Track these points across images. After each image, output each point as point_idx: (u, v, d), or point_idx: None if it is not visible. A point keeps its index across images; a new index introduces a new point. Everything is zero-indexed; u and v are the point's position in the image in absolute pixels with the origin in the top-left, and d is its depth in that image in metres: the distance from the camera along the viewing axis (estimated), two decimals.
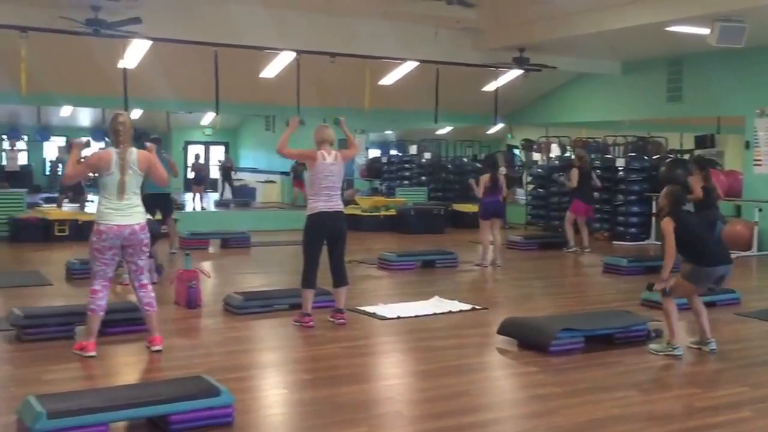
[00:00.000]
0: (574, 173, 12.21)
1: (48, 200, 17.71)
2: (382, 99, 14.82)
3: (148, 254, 5.89)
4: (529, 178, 17.04)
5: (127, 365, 5.65)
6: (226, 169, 21.97)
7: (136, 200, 5.73)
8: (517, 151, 20.28)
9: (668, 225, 5.87)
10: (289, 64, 13.37)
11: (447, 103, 14.60)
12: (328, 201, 6.63)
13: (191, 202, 19.53)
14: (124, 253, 5.69)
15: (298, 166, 19.31)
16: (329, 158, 6.67)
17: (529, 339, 6.07)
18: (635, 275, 9.71)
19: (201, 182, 19.93)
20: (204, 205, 19.06)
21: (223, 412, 4.26)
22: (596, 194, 13.52)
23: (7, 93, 12.15)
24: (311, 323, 6.64)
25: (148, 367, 5.52)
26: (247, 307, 7.15)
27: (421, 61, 13.84)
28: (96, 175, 5.75)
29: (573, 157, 13.50)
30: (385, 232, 14.89)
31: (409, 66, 14.25)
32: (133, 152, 5.69)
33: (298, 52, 12.57)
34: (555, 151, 16.91)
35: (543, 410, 4.68)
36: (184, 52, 12.06)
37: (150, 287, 5.82)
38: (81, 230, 12.07)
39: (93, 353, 5.58)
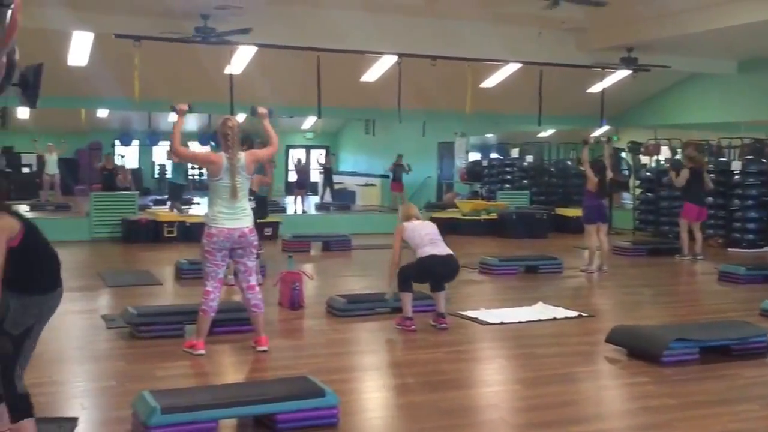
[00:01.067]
0: (684, 172, 11.73)
1: (157, 202, 18.35)
2: (484, 101, 14.68)
3: (257, 256, 5.97)
4: (637, 182, 16.51)
5: (234, 364, 5.75)
6: (327, 170, 22.25)
7: (246, 204, 5.83)
8: (623, 154, 19.71)
9: None
10: (390, 68, 13.39)
11: (550, 105, 14.32)
12: (434, 246, 6.68)
13: (293, 205, 19.85)
14: (233, 254, 5.79)
15: (395, 167, 19.41)
16: (417, 222, 6.87)
17: (639, 348, 5.84)
18: (754, 284, 9.25)
19: (302, 186, 20.24)
20: (305, 208, 19.33)
21: (328, 413, 4.28)
22: (710, 199, 12.96)
23: (122, 99, 12.64)
24: (413, 327, 6.60)
25: (254, 366, 5.59)
26: (350, 309, 7.17)
27: (524, 63, 13.63)
28: (199, 170, 5.88)
29: (682, 158, 12.97)
30: (486, 236, 14.70)
31: (512, 68, 14.06)
32: (242, 156, 5.79)
33: (400, 55, 12.56)
34: (665, 153, 16.32)
35: (656, 422, 4.48)
36: (287, 57, 12.26)
37: (258, 288, 5.90)
38: (189, 232, 12.46)
39: (202, 352, 5.70)
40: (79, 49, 11.50)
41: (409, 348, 6.24)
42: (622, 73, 14.30)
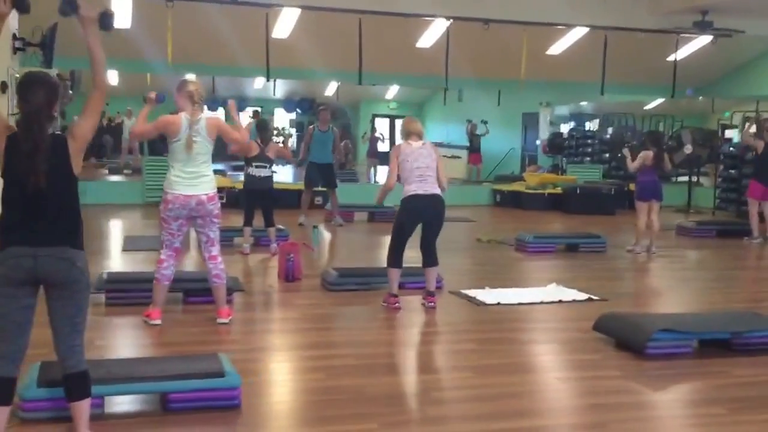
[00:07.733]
0: (760, 144, 10.76)
1: None
2: (549, 70, 13.83)
3: (218, 225, 5.71)
4: (720, 158, 15.30)
5: (184, 335, 5.46)
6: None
7: (206, 170, 5.56)
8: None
9: None
10: (446, 32, 12.79)
11: (621, 72, 13.31)
12: (421, 183, 6.18)
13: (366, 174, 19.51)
14: (195, 224, 5.58)
15: (472, 137, 18.85)
16: (416, 144, 6.25)
17: (625, 338, 5.28)
18: None
19: (375, 154, 19.82)
20: (376, 178, 18.95)
21: (227, 395, 4.00)
22: None
23: (156, 62, 12.44)
24: (397, 304, 6.23)
25: (198, 339, 5.31)
26: (342, 283, 6.85)
27: (593, 27, 12.76)
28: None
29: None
30: (550, 211, 14.03)
31: (578, 33, 13.19)
32: (202, 119, 5.53)
33: (451, 18, 11.93)
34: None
35: (593, 422, 3.99)
36: (332, 20, 11.83)
37: (220, 259, 5.65)
38: (238, 197, 12.25)
39: (157, 321, 5.52)
40: (122, 11, 11.40)
41: (379, 327, 5.87)
42: (704, 39, 13.17)
